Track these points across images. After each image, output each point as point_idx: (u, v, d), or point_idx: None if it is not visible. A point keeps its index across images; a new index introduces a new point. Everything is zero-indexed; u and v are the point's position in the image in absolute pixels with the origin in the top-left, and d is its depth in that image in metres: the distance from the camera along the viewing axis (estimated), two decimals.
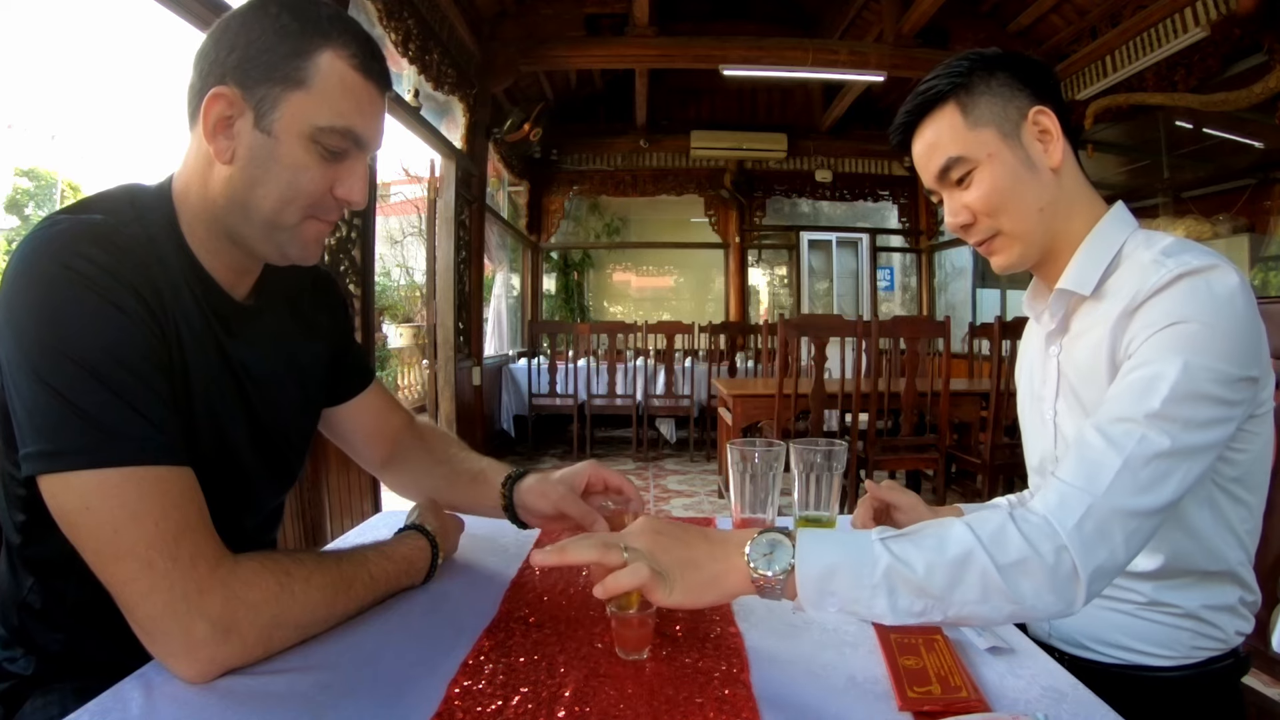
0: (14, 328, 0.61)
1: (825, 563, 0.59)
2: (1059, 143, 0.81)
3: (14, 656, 0.72)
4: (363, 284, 2.90)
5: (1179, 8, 3.75)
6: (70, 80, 30.00)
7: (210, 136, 0.68)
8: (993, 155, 0.81)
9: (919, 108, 0.85)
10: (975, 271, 7.42)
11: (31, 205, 12.42)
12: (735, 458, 0.95)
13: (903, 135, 0.89)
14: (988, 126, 0.81)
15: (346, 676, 0.60)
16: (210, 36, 0.69)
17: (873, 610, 0.59)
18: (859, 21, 5.53)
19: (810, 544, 0.60)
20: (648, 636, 0.65)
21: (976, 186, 0.82)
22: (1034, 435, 0.96)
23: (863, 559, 0.59)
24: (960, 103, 0.82)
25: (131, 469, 0.59)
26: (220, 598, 0.59)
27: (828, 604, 0.59)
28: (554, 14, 4.93)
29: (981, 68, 0.82)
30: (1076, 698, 0.59)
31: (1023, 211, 0.82)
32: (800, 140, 6.90)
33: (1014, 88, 0.81)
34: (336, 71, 0.68)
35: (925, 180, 0.88)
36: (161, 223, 0.70)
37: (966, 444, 3.50)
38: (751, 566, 0.60)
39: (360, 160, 0.73)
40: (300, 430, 0.87)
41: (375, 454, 1.00)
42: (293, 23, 0.67)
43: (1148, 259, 0.75)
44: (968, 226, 0.85)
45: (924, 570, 0.58)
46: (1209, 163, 4.17)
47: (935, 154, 0.84)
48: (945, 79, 0.83)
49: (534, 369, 5.32)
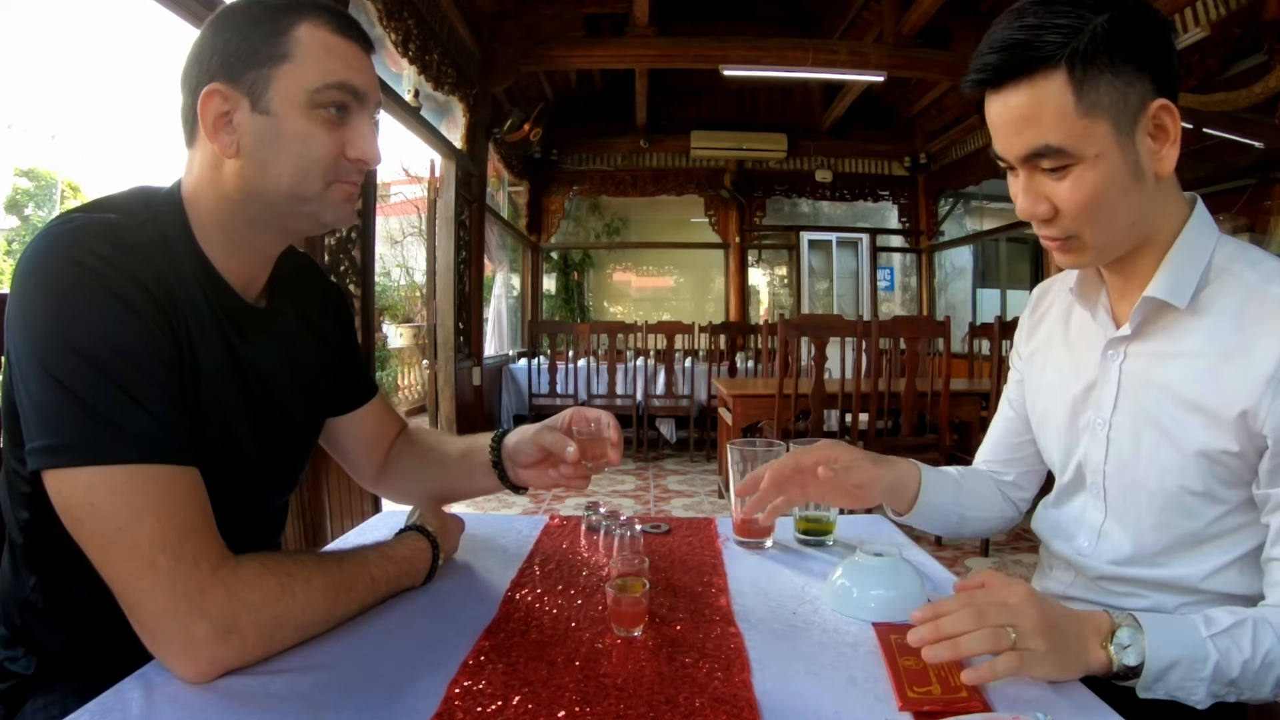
0: (24, 322, 0.61)
1: (1169, 658, 0.64)
2: (1176, 147, 0.69)
3: (15, 656, 0.72)
4: (363, 284, 2.90)
5: (1179, 8, 3.75)
6: (70, 80, 30.02)
7: (212, 135, 0.69)
8: (1101, 156, 0.68)
9: (1020, 63, 0.67)
10: (975, 271, 7.43)
11: (31, 205, 12.43)
12: (735, 458, 0.95)
13: (981, 83, 0.71)
14: (1103, 117, 0.66)
15: (346, 676, 0.60)
16: (189, 54, 0.71)
17: (1191, 697, 0.65)
18: (859, 21, 5.53)
19: (1157, 640, 0.64)
20: (642, 614, 0.69)
21: (1073, 187, 0.69)
22: (1063, 434, 0.90)
23: (1196, 656, 0.64)
24: (1075, 77, 0.65)
25: (137, 467, 0.59)
26: (222, 598, 0.59)
27: (1158, 690, 0.64)
28: (554, 14, 4.92)
29: (1111, 31, 0.64)
30: (1076, 698, 0.59)
31: (1115, 224, 0.72)
32: (800, 140, 6.89)
33: (1137, 68, 0.66)
34: (317, 38, 0.70)
35: (1000, 147, 0.72)
36: (174, 224, 0.71)
37: (966, 444, 3.50)
38: (1115, 658, 0.64)
39: (364, 118, 0.74)
40: (305, 432, 0.88)
41: (372, 464, 1.00)
42: (263, 11, 0.70)
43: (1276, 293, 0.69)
44: (1046, 221, 0.73)
45: (1239, 671, 0.64)
46: (1209, 163, 4.17)
47: (1028, 131, 0.68)
48: (1061, 34, 0.65)
49: (534, 369, 5.32)
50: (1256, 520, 0.74)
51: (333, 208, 0.74)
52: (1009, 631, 0.61)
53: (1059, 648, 0.62)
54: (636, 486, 4.39)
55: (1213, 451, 0.73)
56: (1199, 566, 0.78)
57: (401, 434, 1.02)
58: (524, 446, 0.91)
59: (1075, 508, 0.90)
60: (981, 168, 6.19)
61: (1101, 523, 0.85)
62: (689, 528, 1.05)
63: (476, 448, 0.95)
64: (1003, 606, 0.62)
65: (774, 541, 0.97)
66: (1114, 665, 0.64)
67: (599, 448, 0.88)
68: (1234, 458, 0.72)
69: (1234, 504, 0.75)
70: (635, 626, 0.69)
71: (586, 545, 0.97)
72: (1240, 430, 0.71)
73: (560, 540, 0.99)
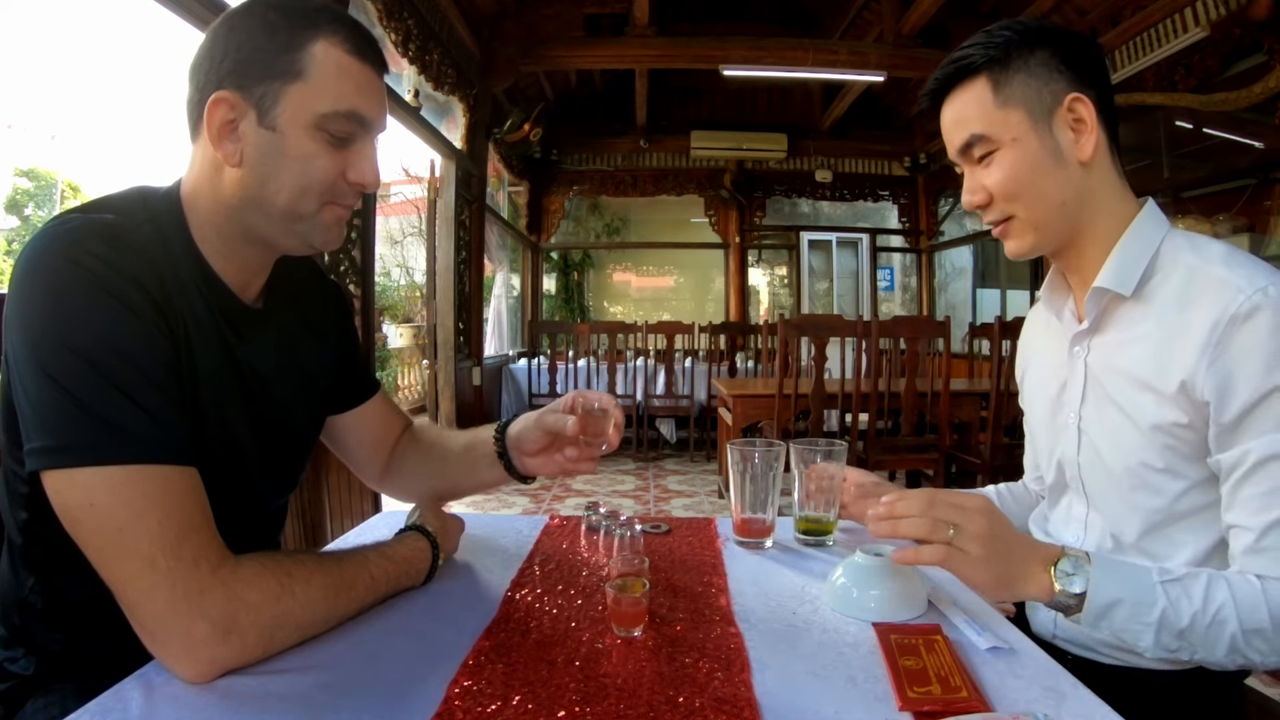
0: (21, 322, 0.61)
1: (1113, 595, 0.66)
2: (1093, 135, 0.77)
3: (15, 656, 0.72)
4: (363, 284, 2.90)
5: (1179, 8, 3.74)
6: (70, 80, 30.00)
7: (216, 142, 0.69)
8: (1018, 140, 0.77)
9: (949, 77, 0.81)
10: (975, 271, 7.42)
11: (31, 205, 12.43)
12: (735, 458, 0.95)
13: (931, 101, 0.85)
14: (1017, 108, 0.77)
15: (346, 676, 0.60)
16: (201, 47, 0.70)
17: (1138, 642, 0.67)
18: (859, 21, 5.53)
19: (1104, 574, 0.67)
20: (642, 614, 0.69)
21: (996, 169, 0.79)
22: (1047, 436, 0.94)
23: (1143, 599, 0.66)
24: (993, 78, 0.78)
25: (136, 467, 0.59)
26: (221, 598, 0.59)
27: (1103, 628, 0.67)
28: (554, 14, 4.93)
29: (1021, 43, 0.77)
30: (1077, 698, 0.59)
31: (1041, 202, 0.79)
32: (800, 140, 6.90)
33: (1054, 68, 0.77)
34: (332, 58, 0.69)
35: (949, 151, 0.85)
36: (172, 224, 0.71)
37: (966, 444, 3.50)
38: (1056, 583, 0.66)
39: (368, 143, 0.74)
40: (304, 432, 0.88)
41: (377, 462, 0.99)
42: (281, 19, 0.68)
43: (1219, 275, 0.72)
44: (984, 206, 0.83)
45: (1189, 621, 0.66)
46: (1209, 163, 4.16)
47: (959, 128, 0.81)
48: (981, 49, 0.78)
49: (534, 369, 5.32)
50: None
51: (322, 229, 0.74)
52: (949, 529, 0.66)
53: (996, 558, 0.66)
54: (636, 486, 4.39)
55: (1165, 424, 0.75)
56: (1177, 552, 0.78)
57: (406, 432, 1.02)
58: (529, 433, 0.91)
59: (1063, 506, 0.93)
60: None
61: (1085, 515, 0.88)
62: (689, 528, 1.05)
63: (480, 440, 0.95)
64: (954, 507, 0.68)
65: (774, 541, 0.97)
66: (1055, 590, 0.66)
67: (599, 424, 0.87)
68: (1185, 429, 0.74)
69: (1196, 479, 0.76)
70: (635, 626, 0.69)
71: (586, 545, 0.97)
72: (1184, 401, 0.73)
73: (560, 540, 0.99)
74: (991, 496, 1.09)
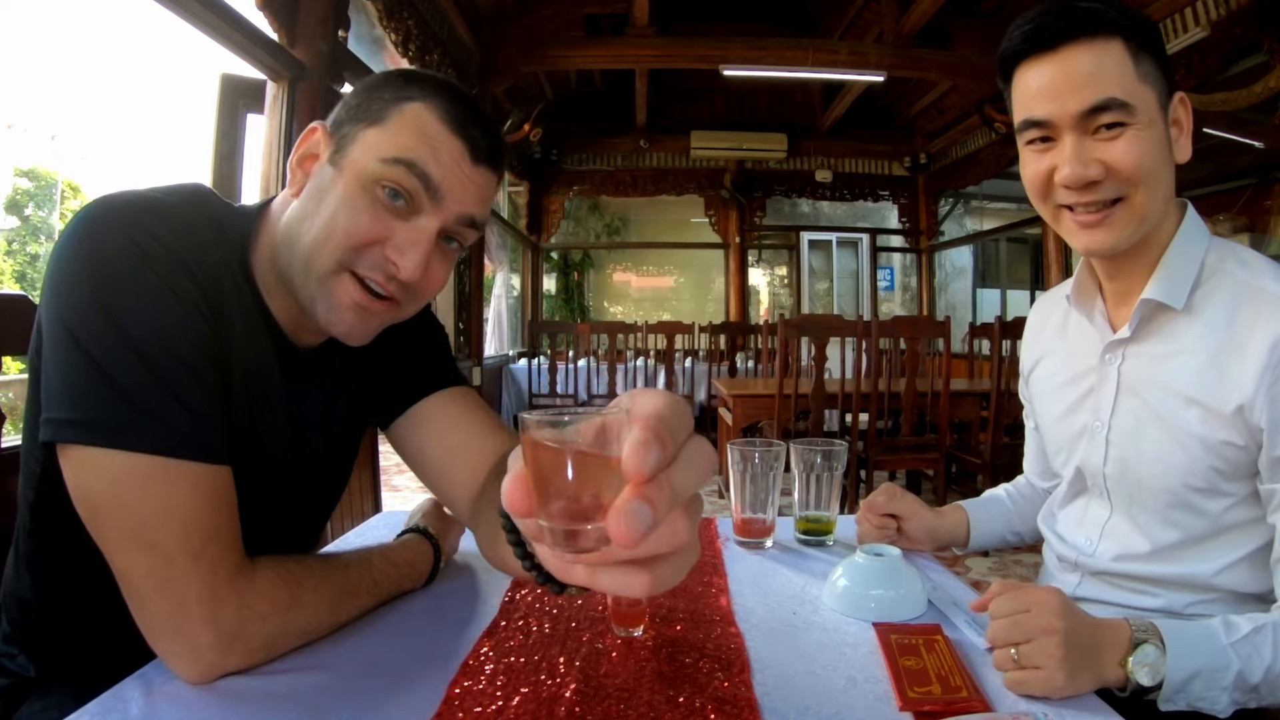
0: (61, 288, 0.58)
1: (1190, 670, 0.63)
2: (1189, 140, 0.75)
3: (13, 653, 0.72)
4: None
5: (1179, 8, 3.74)
6: (70, 80, 30.02)
7: (294, 168, 0.68)
8: (1153, 122, 0.72)
9: (1078, 22, 0.70)
10: (975, 271, 7.43)
11: (31, 205, 12.43)
12: (735, 458, 0.95)
13: (1038, 42, 0.73)
14: (1151, 89, 0.72)
15: (346, 677, 0.60)
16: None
17: (1214, 706, 0.64)
18: (859, 21, 5.52)
19: (1179, 652, 0.63)
20: (642, 614, 0.69)
21: (1129, 146, 0.71)
22: (1061, 438, 0.92)
23: (1218, 665, 0.64)
24: (1131, 48, 0.70)
25: (167, 460, 0.57)
26: (233, 607, 0.58)
27: (1180, 701, 0.64)
28: (554, 14, 4.92)
29: (1150, 25, 0.72)
30: (1077, 698, 0.59)
31: (1159, 193, 0.74)
32: (800, 140, 6.90)
33: (1163, 67, 0.73)
34: (419, 118, 0.66)
35: (1048, 109, 0.73)
36: (238, 234, 0.69)
37: (967, 444, 3.50)
38: (1132, 678, 0.62)
39: (428, 223, 0.66)
40: (342, 442, 0.84)
41: (468, 487, 0.79)
42: (399, 79, 0.68)
43: (1274, 291, 0.70)
44: (1094, 183, 0.73)
45: (1260, 678, 0.64)
46: (1209, 163, 4.17)
47: (1092, 85, 0.70)
48: (1118, 10, 0.70)
49: (534, 369, 5.32)
50: (1263, 516, 0.75)
51: (335, 305, 0.66)
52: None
53: (1079, 665, 0.60)
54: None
55: (1213, 443, 0.74)
56: (1209, 563, 0.78)
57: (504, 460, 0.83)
58: None
59: (1078, 508, 0.92)
60: (981, 168, 6.20)
61: (1105, 521, 0.86)
62: None
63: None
64: (1035, 619, 0.62)
65: (774, 541, 0.97)
66: (1131, 684, 0.62)
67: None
68: (1236, 450, 0.73)
69: (1239, 497, 0.75)
70: (635, 626, 0.69)
71: None
72: (1239, 424, 0.72)
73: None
74: (1002, 499, 1.08)
